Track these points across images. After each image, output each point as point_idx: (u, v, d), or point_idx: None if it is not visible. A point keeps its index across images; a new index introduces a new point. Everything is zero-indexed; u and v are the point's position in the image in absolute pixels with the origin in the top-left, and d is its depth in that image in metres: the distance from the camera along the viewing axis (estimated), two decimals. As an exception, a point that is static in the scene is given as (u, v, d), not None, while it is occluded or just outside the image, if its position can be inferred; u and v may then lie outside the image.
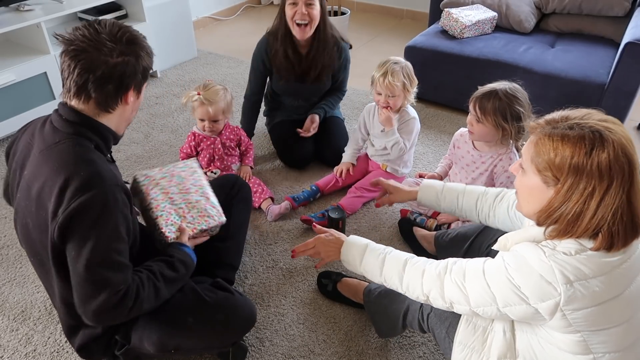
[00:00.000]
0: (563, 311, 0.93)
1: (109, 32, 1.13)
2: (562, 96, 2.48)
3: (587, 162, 0.89)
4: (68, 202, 1.07)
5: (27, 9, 2.68)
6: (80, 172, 1.09)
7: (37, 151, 1.16)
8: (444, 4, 3.17)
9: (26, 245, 1.26)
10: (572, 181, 0.91)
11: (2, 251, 2.00)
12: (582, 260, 0.92)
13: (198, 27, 4.28)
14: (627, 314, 0.96)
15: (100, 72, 1.11)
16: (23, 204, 1.18)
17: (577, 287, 0.91)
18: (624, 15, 2.77)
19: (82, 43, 1.10)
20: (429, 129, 2.79)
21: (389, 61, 2.01)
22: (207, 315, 1.29)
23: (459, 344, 1.18)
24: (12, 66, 2.57)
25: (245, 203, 1.75)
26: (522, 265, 0.96)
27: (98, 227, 1.09)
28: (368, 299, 1.58)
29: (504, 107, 1.65)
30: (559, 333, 0.98)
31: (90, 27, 1.12)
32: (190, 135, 2.19)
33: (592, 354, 0.96)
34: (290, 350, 1.60)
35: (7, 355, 1.60)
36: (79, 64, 1.10)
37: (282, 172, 2.45)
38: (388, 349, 1.59)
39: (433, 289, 1.11)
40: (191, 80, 3.40)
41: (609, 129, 0.91)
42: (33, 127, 1.24)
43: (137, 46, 1.17)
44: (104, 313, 1.11)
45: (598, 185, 0.89)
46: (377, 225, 2.10)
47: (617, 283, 0.93)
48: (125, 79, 1.15)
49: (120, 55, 1.13)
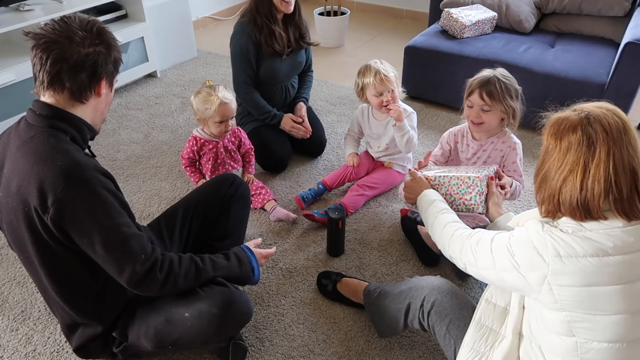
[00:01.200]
0: (550, 284, 0.97)
1: (78, 23, 1.15)
2: (562, 96, 2.47)
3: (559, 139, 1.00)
4: (54, 195, 1.08)
5: (27, 8, 2.68)
6: (58, 163, 1.09)
7: (13, 148, 1.16)
8: (443, 4, 3.18)
9: (14, 243, 1.26)
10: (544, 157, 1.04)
11: (2, 251, 2.00)
12: (577, 240, 0.96)
13: (198, 27, 4.28)
14: (621, 307, 0.94)
15: (73, 61, 1.12)
16: (4, 201, 1.18)
17: (566, 262, 0.95)
18: (623, 15, 2.77)
19: (52, 35, 1.11)
20: (429, 129, 2.79)
21: (369, 64, 2.07)
22: (203, 309, 1.29)
23: (466, 346, 1.21)
24: (12, 66, 2.57)
25: (244, 201, 1.74)
26: (521, 236, 1.04)
27: (94, 211, 1.12)
28: (368, 300, 1.59)
29: (508, 88, 1.67)
30: (547, 310, 1.01)
31: (59, 21, 1.14)
32: (191, 139, 2.11)
33: (575, 336, 0.98)
34: (290, 350, 1.60)
35: (7, 355, 1.60)
36: (51, 54, 1.10)
37: (281, 173, 2.45)
38: (388, 349, 1.59)
39: (455, 250, 1.26)
40: (191, 80, 3.40)
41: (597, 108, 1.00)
42: (8, 130, 1.24)
43: (107, 37, 1.20)
44: (138, 284, 1.19)
45: (571, 157, 0.98)
46: (377, 225, 2.10)
47: (610, 271, 0.93)
48: (97, 68, 1.17)
49: (92, 46, 1.15)
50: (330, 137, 2.72)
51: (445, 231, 1.34)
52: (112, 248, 1.14)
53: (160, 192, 2.33)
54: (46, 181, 1.08)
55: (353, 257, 1.95)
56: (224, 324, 1.32)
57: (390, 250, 1.97)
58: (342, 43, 4.00)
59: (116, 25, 3.11)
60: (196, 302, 1.31)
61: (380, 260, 1.93)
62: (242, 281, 1.45)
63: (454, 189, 1.61)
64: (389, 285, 1.54)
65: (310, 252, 1.97)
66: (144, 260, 1.18)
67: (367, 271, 1.88)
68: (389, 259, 1.93)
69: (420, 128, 2.78)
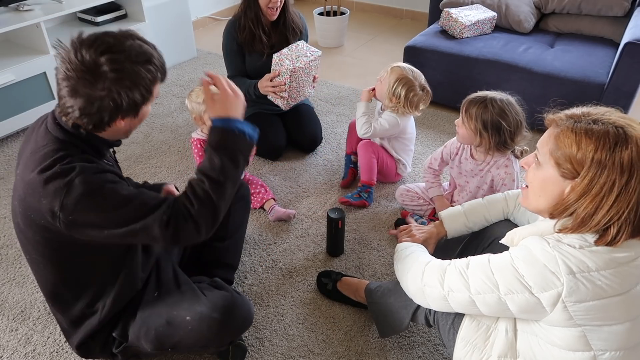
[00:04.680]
0: (565, 302, 0.93)
1: (96, 59, 1.05)
2: (562, 96, 2.48)
3: (610, 157, 0.90)
4: (60, 202, 1.07)
5: (26, 9, 2.68)
6: (57, 169, 1.09)
7: (28, 152, 1.16)
8: (443, 4, 3.18)
9: (20, 242, 1.26)
10: (592, 175, 0.92)
11: (1, 251, 2.00)
12: (587, 254, 0.93)
13: (197, 27, 4.28)
14: (631, 313, 0.96)
15: (82, 103, 1.07)
16: (15, 202, 1.19)
17: (580, 278, 0.92)
18: (623, 16, 2.77)
19: (70, 66, 1.05)
20: (429, 129, 2.79)
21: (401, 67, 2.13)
22: (205, 313, 1.29)
23: (462, 340, 1.19)
24: (11, 66, 2.56)
25: (244, 202, 1.75)
26: (527, 256, 0.98)
27: (106, 207, 1.10)
28: (371, 299, 1.58)
29: (487, 117, 1.67)
30: (559, 329, 0.98)
31: (82, 51, 1.05)
32: (196, 144, 2.08)
33: (593, 350, 0.97)
34: (289, 350, 1.60)
35: (7, 355, 1.60)
36: (65, 87, 1.07)
37: (281, 173, 2.45)
38: (387, 349, 1.59)
39: (433, 277, 1.14)
40: (190, 80, 3.40)
41: (632, 126, 0.92)
42: (35, 125, 1.23)
43: (127, 77, 1.08)
44: (176, 242, 1.15)
45: (618, 180, 0.90)
46: (377, 226, 2.10)
47: (622, 280, 0.93)
48: (109, 112, 1.10)
49: (105, 90, 1.06)
50: (330, 137, 2.72)
51: (419, 265, 1.23)
52: (130, 230, 1.11)
53: (159, 192, 2.33)
54: (49, 189, 1.08)
55: (353, 257, 1.95)
56: (225, 328, 1.32)
57: (390, 251, 1.97)
58: (342, 43, 4.00)
59: (116, 25, 3.12)
60: (198, 305, 1.31)
61: (380, 260, 1.93)
62: (248, 146, 1.26)
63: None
64: (391, 283, 1.54)
65: (310, 252, 1.97)
66: (166, 222, 1.12)
67: (366, 271, 1.88)
68: (388, 259, 1.93)
69: (420, 128, 2.78)
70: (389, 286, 1.52)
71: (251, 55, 2.44)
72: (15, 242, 2.03)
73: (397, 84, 2.06)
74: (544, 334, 1.02)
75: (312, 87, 2.45)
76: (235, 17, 2.42)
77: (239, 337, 1.55)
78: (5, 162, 2.57)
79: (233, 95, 1.25)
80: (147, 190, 1.19)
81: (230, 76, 2.50)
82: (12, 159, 2.59)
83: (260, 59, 2.42)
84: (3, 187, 2.38)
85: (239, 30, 2.39)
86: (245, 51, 2.44)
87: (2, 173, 2.48)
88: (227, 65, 2.50)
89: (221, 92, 1.24)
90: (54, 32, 2.95)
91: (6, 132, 2.67)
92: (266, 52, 2.40)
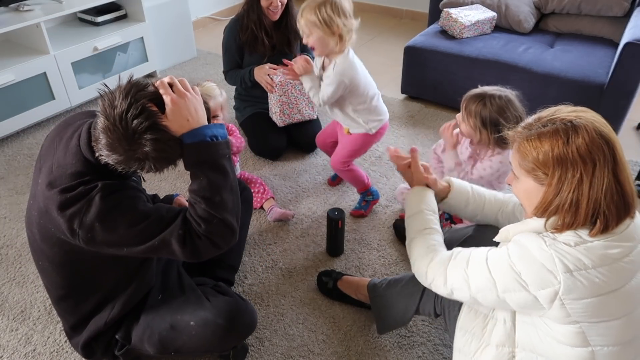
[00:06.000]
0: (562, 300, 0.94)
1: (141, 135, 1.06)
2: (562, 96, 2.48)
3: (568, 151, 0.94)
4: (80, 220, 1.09)
5: (26, 9, 2.68)
6: (81, 190, 1.11)
7: (55, 162, 1.16)
8: (443, 4, 3.18)
9: (32, 249, 1.28)
10: (560, 172, 0.95)
11: (1, 251, 2.01)
12: (582, 251, 0.94)
13: (197, 27, 4.28)
14: (626, 308, 0.97)
15: (117, 157, 1.09)
16: (35, 212, 1.20)
17: (577, 276, 0.93)
18: (623, 16, 2.77)
19: (113, 127, 1.05)
20: (428, 129, 2.79)
21: None
22: (209, 318, 1.29)
23: (460, 329, 1.21)
24: (11, 66, 2.56)
25: (247, 205, 1.76)
26: (523, 253, 0.99)
27: (123, 225, 1.11)
28: (375, 294, 1.57)
29: (486, 114, 1.67)
30: (557, 324, 0.99)
31: (127, 117, 1.05)
32: None
33: (591, 346, 0.97)
34: (289, 350, 1.60)
35: (7, 355, 1.60)
36: (104, 138, 1.08)
37: (281, 173, 2.45)
38: (387, 348, 1.59)
39: (437, 276, 1.16)
40: (190, 80, 3.36)
41: (579, 117, 0.96)
42: (62, 134, 1.22)
43: (164, 159, 1.12)
44: (197, 258, 1.15)
45: (584, 170, 0.94)
46: (377, 225, 2.10)
47: (618, 276, 0.94)
48: (140, 169, 1.13)
49: (142, 160, 1.10)
50: (330, 137, 2.72)
51: (424, 258, 1.23)
52: (149, 246, 1.13)
53: (160, 192, 2.32)
54: (71, 213, 1.10)
55: (353, 257, 1.95)
56: (229, 334, 1.32)
57: (390, 251, 1.97)
58: (342, 43, 4.00)
59: (116, 25, 3.11)
60: (202, 311, 1.31)
61: (380, 260, 1.93)
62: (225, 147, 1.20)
63: None
64: (397, 275, 1.55)
65: (309, 252, 1.98)
66: (181, 236, 1.13)
67: (366, 271, 1.88)
68: (388, 259, 1.93)
69: (420, 128, 2.78)
70: (396, 277, 1.53)
71: (252, 55, 2.46)
72: (15, 242, 2.03)
73: (322, 14, 1.72)
74: (544, 327, 1.03)
75: (311, 108, 2.47)
76: (238, 15, 2.44)
77: (243, 341, 1.55)
78: (5, 162, 2.57)
79: (180, 96, 1.16)
80: (162, 205, 1.20)
81: (225, 71, 2.58)
82: (12, 159, 2.59)
83: (260, 60, 2.44)
84: (3, 187, 2.38)
85: (242, 30, 2.41)
86: (246, 51, 2.46)
87: (2, 173, 2.48)
88: (224, 61, 2.56)
89: (170, 102, 1.13)
90: (54, 32, 2.95)
91: (6, 132, 2.67)
92: (267, 53, 2.42)
